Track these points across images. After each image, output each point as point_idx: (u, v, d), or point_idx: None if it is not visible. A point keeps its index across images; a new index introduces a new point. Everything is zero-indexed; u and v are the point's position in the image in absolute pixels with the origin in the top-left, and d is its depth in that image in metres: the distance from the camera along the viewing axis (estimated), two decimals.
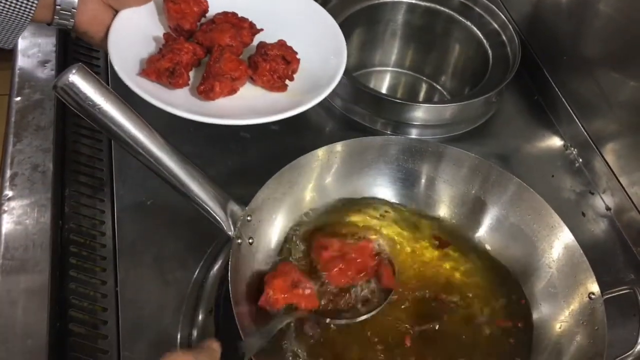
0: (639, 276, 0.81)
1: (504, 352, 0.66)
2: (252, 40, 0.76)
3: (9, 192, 0.75)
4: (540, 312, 0.68)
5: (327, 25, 0.80)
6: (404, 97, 1.11)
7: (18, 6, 0.59)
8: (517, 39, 0.96)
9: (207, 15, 0.77)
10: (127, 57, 0.70)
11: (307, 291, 0.65)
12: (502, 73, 0.94)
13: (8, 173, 0.77)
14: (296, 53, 0.74)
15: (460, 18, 1.02)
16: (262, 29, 0.77)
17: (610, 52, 0.88)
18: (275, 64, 0.72)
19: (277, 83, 0.73)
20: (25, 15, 0.60)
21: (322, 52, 0.77)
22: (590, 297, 0.64)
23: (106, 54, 0.94)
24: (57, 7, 0.63)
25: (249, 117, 0.68)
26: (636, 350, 0.61)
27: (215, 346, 0.54)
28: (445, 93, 1.09)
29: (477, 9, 1.01)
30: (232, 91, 0.71)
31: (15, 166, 0.77)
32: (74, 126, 0.86)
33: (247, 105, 0.71)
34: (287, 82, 0.74)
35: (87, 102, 0.53)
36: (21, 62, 0.89)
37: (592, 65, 0.91)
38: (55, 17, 0.64)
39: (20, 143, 0.80)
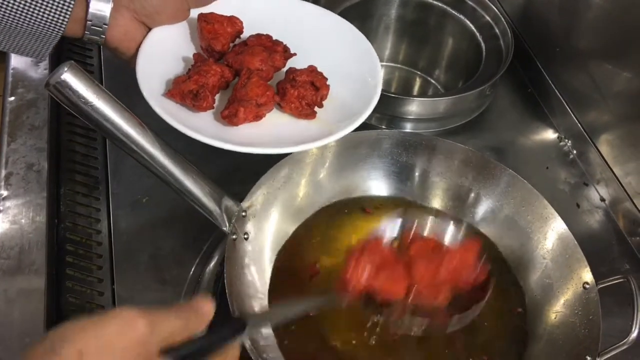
0: (633, 266, 0.81)
1: (500, 342, 0.67)
2: (284, 64, 0.71)
3: (4, 192, 0.75)
4: (536, 302, 0.68)
5: (363, 51, 0.75)
6: (398, 91, 1.11)
7: (50, 19, 0.58)
8: (510, 31, 0.96)
9: (242, 36, 0.73)
10: (154, 76, 0.66)
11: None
12: (496, 66, 0.94)
13: (3, 173, 0.77)
14: (326, 79, 0.70)
15: (453, 12, 1.02)
16: (295, 54, 0.72)
17: (602, 44, 0.88)
18: (303, 90, 0.67)
19: (306, 110, 0.68)
20: (57, 29, 0.59)
21: (355, 80, 0.72)
22: (584, 287, 0.64)
23: (100, 53, 0.95)
24: (89, 22, 0.62)
25: (274, 145, 0.63)
26: (630, 339, 0.61)
27: (206, 309, 0.44)
28: (439, 87, 1.09)
29: (470, 3, 1.02)
30: (257, 117, 0.66)
31: (10, 166, 0.77)
32: (69, 125, 0.86)
33: (273, 133, 0.67)
34: (316, 109, 0.69)
35: (80, 99, 0.53)
36: (15, 61, 0.89)
37: (585, 56, 0.91)
38: (86, 32, 0.62)
39: (14, 142, 0.80)
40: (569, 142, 0.95)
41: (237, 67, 0.69)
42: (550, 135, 0.96)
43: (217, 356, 0.44)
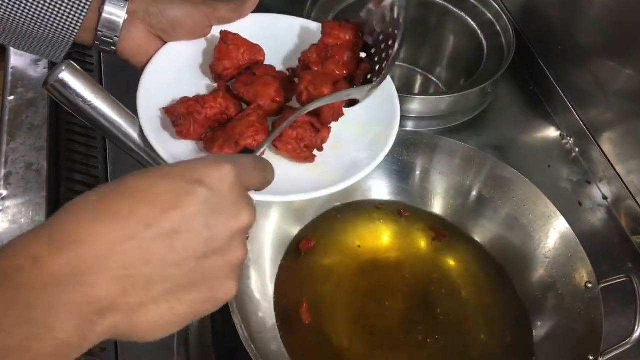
0: (636, 265, 0.81)
1: (503, 342, 0.66)
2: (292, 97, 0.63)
3: (3, 192, 0.75)
4: (537, 301, 0.68)
5: (384, 96, 0.64)
6: (399, 89, 1.09)
7: (61, 26, 0.58)
8: (512, 28, 0.96)
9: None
10: (156, 91, 0.61)
11: None
12: (497, 63, 0.94)
13: (2, 172, 0.76)
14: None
15: (454, 9, 1.02)
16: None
17: (605, 41, 0.88)
18: (302, 131, 0.60)
19: (304, 153, 0.61)
20: (67, 37, 0.59)
21: (365, 126, 0.63)
22: (587, 286, 0.64)
23: (99, 53, 0.95)
24: (99, 32, 0.59)
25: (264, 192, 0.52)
26: (633, 338, 0.61)
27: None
28: (440, 85, 1.08)
29: (471, 0, 1.01)
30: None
31: (10, 165, 0.77)
32: (68, 124, 0.86)
33: None
34: (315, 152, 0.61)
35: (78, 99, 0.52)
36: (14, 61, 0.89)
37: (587, 54, 0.90)
38: (96, 42, 0.60)
39: (14, 142, 0.79)
40: (571, 140, 0.94)
41: (249, 99, 0.62)
42: (552, 133, 0.96)
43: None
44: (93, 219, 0.34)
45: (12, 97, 0.84)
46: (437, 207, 0.76)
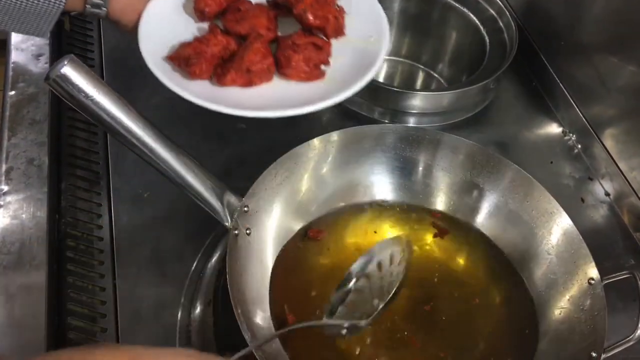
0: (638, 261, 0.81)
1: (505, 339, 0.66)
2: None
3: (4, 187, 0.75)
4: (540, 298, 0.68)
5: (367, 6, 0.74)
6: (401, 85, 1.10)
7: None
8: (514, 25, 0.96)
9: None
10: (156, 43, 0.67)
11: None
12: (500, 60, 0.93)
13: (3, 167, 0.76)
14: (325, 38, 0.70)
15: (457, 5, 1.01)
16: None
17: (607, 37, 0.88)
18: (308, 52, 0.67)
19: (315, 72, 0.68)
20: (57, 4, 0.59)
21: (359, 32, 0.71)
22: (590, 283, 0.64)
23: (101, 47, 0.95)
24: None
25: (285, 108, 0.63)
26: (636, 335, 0.61)
27: None
28: (442, 81, 1.08)
29: None
30: (249, 83, 0.66)
31: (11, 160, 0.77)
32: (69, 119, 0.86)
33: (282, 96, 0.67)
34: (324, 67, 0.69)
35: (80, 93, 0.52)
36: (15, 56, 0.88)
37: (590, 50, 0.90)
38: (87, 5, 0.62)
39: (15, 137, 0.79)
40: (574, 136, 0.94)
41: (245, 32, 0.68)
42: (554, 129, 0.96)
43: None
44: None
45: (13, 92, 0.84)
46: (440, 203, 0.76)
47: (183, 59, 0.65)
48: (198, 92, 0.63)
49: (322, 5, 0.69)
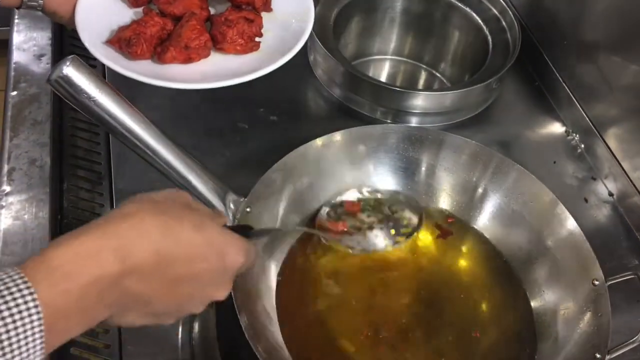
0: None
1: (509, 341, 0.66)
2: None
3: (6, 188, 0.74)
4: (544, 299, 0.68)
5: None
6: (403, 85, 1.10)
7: None
8: (517, 24, 0.95)
9: None
10: (95, 29, 0.71)
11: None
12: (503, 59, 0.93)
13: (5, 168, 0.76)
14: (255, 12, 0.75)
15: (459, 4, 1.01)
16: None
17: (611, 36, 0.87)
18: (241, 26, 0.72)
19: (250, 44, 0.73)
20: None
21: (285, 3, 0.78)
22: (593, 284, 0.64)
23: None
24: None
25: (224, 78, 0.68)
26: None
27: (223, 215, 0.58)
28: (445, 80, 1.08)
29: None
30: (188, 60, 0.71)
31: (13, 161, 0.77)
32: (71, 120, 0.85)
33: (221, 68, 0.72)
34: (258, 39, 0.74)
35: (82, 94, 0.52)
36: (17, 56, 0.88)
37: (593, 49, 0.90)
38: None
39: (17, 138, 0.79)
40: (577, 136, 0.94)
41: (179, 13, 0.73)
42: (557, 129, 0.95)
43: None
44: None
45: (15, 93, 0.84)
46: (443, 203, 0.75)
47: (123, 41, 0.69)
48: (141, 71, 0.67)
49: None
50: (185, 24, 0.71)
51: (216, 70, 0.71)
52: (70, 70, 0.51)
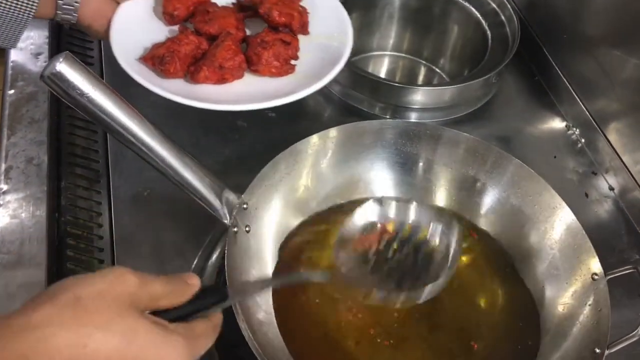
0: None
1: (508, 335, 0.66)
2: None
3: (3, 186, 0.74)
4: (543, 294, 0.67)
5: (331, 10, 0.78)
6: (402, 80, 1.09)
7: (20, 3, 0.58)
8: (516, 18, 0.95)
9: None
10: (129, 44, 0.69)
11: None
12: (502, 53, 0.93)
13: (3, 166, 0.76)
14: (292, 34, 0.73)
15: None
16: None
17: (611, 30, 0.87)
18: (276, 48, 0.70)
19: (285, 67, 0.71)
20: (27, 12, 0.59)
21: (323, 27, 0.75)
22: (593, 278, 0.63)
23: (100, 45, 0.94)
24: (60, 1, 0.62)
25: (258, 101, 0.66)
26: None
27: (193, 282, 0.47)
28: (444, 75, 1.07)
29: None
30: (221, 80, 0.69)
31: (10, 159, 0.77)
32: (69, 118, 0.85)
33: (254, 90, 0.70)
34: (293, 62, 0.72)
35: (76, 90, 0.52)
36: (14, 54, 0.88)
37: (593, 43, 0.89)
38: (58, 12, 0.63)
39: (14, 136, 0.79)
40: (577, 130, 0.93)
41: (215, 32, 0.71)
42: (557, 123, 0.95)
43: (200, 320, 0.47)
44: None
45: (12, 91, 0.84)
46: (441, 199, 0.75)
47: (157, 58, 0.67)
48: (174, 90, 0.65)
49: (286, 3, 0.73)
50: (221, 44, 0.69)
51: (250, 92, 0.70)
52: (63, 67, 0.51)
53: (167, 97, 0.64)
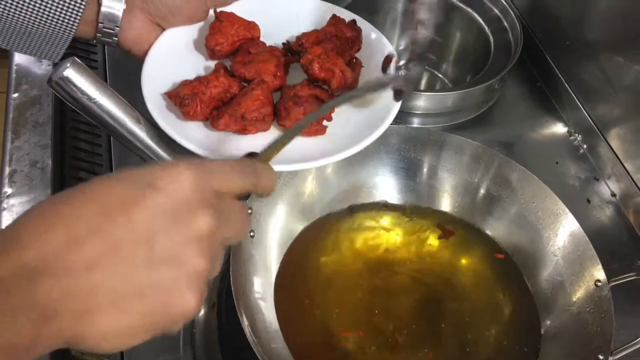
0: None
1: (512, 341, 0.66)
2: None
3: (8, 190, 0.74)
4: (547, 300, 0.67)
5: (380, 55, 0.68)
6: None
7: (60, 20, 0.57)
8: (519, 24, 0.95)
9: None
10: (160, 76, 0.63)
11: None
12: (504, 59, 0.93)
13: (7, 170, 0.76)
14: (327, 90, 0.64)
15: (461, 4, 1.01)
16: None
17: (613, 36, 0.87)
18: (309, 105, 0.62)
19: (315, 126, 0.62)
20: (67, 31, 0.58)
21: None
22: (596, 285, 0.63)
23: (104, 49, 0.94)
24: (100, 24, 0.60)
25: (283, 162, 0.55)
26: None
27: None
28: (446, 81, 1.08)
29: None
30: (243, 131, 0.61)
31: (14, 163, 0.77)
32: (73, 122, 0.85)
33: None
34: (325, 123, 0.63)
35: (83, 96, 0.52)
36: (18, 58, 0.88)
37: (595, 49, 0.89)
38: (98, 34, 0.61)
39: (18, 140, 0.79)
40: (579, 136, 0.93)
41: (250, 77, 0.63)
42: (560, 129, 0.95)
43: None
44: (43, 223, 0.33)
45: (16, 95, 0.84)
46: (445, 204, 0.75)
47: (179, 98, 0.61)
48: (189, 135, 0.59)
49: (331, 57, 0.64)
50: (249, 92, 0.61)
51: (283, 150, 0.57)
52: (71, 72, 0.51)
53: (180, 143, 0.57)
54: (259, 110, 0.60)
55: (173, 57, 0.64)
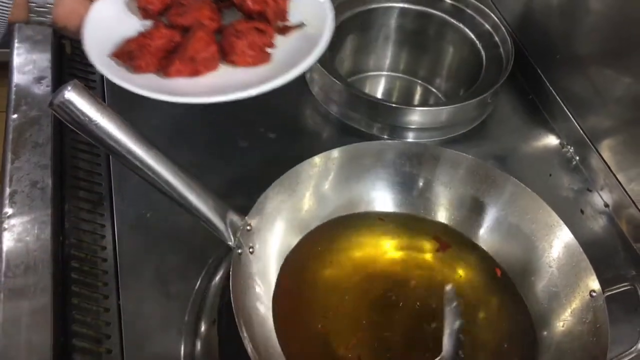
0: (639, 272, 0.81)
1: (508, 353, 0.66)
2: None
3: (8, 210, 0.75)
4: (542, 311, 0.68)
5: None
6: (399, 101, 1.11)
7: None
8: (510, 39, 0.97)
9: None
10: (101, 42, 0.67)
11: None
12: (496, 74, 0.94)
13: (7, 191, 0.77)
14: (268, 20, 0.70)
15: (453, 20, 1.02)
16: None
17: (603, 49, 0.88)
18: (251, 37, 0.68)
19: (260, 55, 0.68)
20: (1, 18, 0.60)
21: (302, 13, 0.72)
22: (591, 295, 0.64)
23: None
24: (32, 4, 0.62)
25: (235, 90, 0.63)
26: (639, 346, 0.61)
27: None
28: (440, 95, 1.09)
29: (469, 11, 1.02)
30: (195, 73, 0.67)
31: (14, 184, 0.78)
32: (72, 142, 0.86)
33: (231, 81, 0.67)
34: (269, 50, 0.69)
35: (84, 118, 0.53)
36: (17, 79, 0.89)
37: (586, 62, 0.91)
38: (32, 14, 0.62)
39: (18, 160, 0.80)
40: (572, 148, 0.95)
41: (188, 24, 0.69)
42: (552, 141, 0.96)
43: None
44: None
45: (15, 115, 0.85)
46: (441, 218, 0.76)
47: (127, 53, 0.65)
48: (145, 85, 0.63)
49: None
50: (192, 36, 0.67)
51: (224, 84, 0.67)
52: (72, 95, 0.52)
53: (138, 93, 0.62)
54: (206, 49, 0.66)
55: (109, 23, 0.68)
